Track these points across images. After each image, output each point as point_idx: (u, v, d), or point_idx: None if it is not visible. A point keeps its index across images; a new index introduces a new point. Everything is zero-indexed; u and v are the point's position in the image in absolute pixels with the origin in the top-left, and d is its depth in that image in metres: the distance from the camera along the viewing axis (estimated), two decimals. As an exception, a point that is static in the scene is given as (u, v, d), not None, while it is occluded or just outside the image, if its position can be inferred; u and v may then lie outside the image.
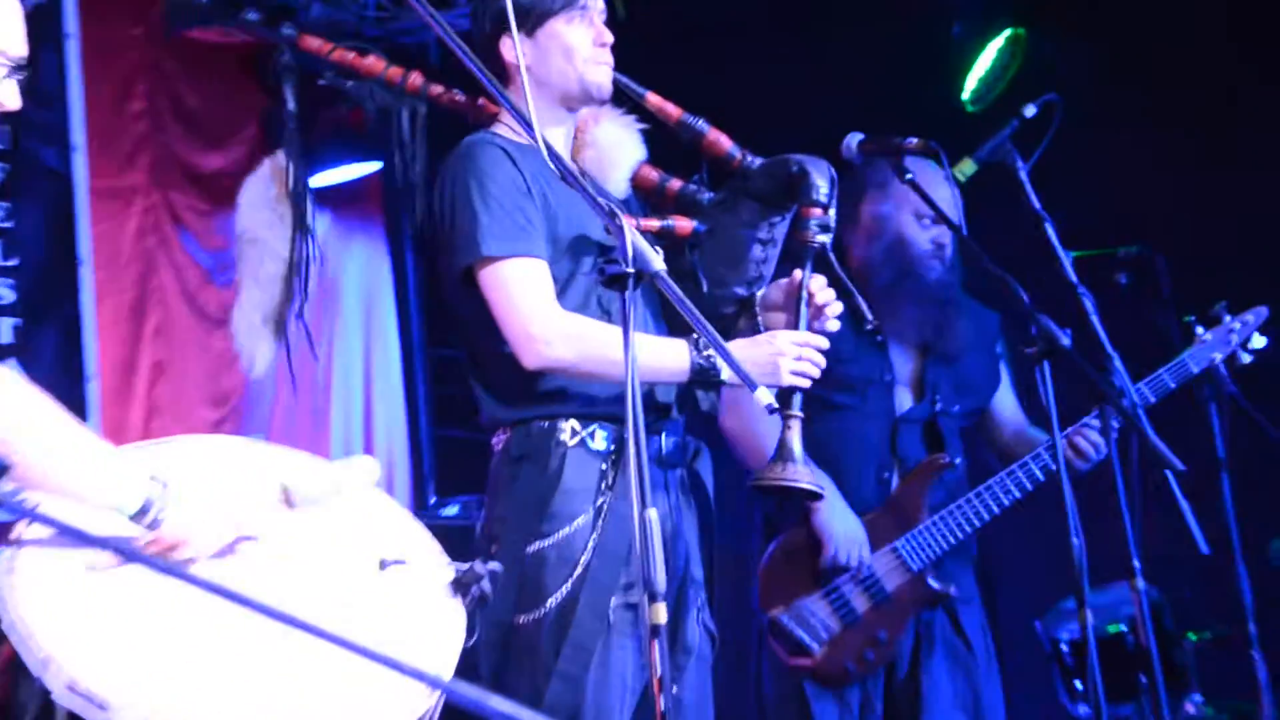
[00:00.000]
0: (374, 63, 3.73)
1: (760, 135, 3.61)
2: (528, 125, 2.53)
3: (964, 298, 4.45)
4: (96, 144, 5.97)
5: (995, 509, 4.24)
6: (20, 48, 2.62)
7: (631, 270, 2.42)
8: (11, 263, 5.57)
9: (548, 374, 3.25)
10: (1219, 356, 4.28)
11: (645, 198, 3.62)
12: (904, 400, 4.38)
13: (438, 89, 3.59)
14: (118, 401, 6.02)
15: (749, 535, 4.33)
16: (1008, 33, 6.14)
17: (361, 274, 7.22)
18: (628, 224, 2.46)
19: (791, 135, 3.76)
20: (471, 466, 6.98)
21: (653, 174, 3.56)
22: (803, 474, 3.30)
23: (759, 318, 3.43)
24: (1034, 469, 4.23)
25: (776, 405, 2.48)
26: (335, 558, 2.57)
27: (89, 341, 5.77)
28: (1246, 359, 4.32)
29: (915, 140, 3.67)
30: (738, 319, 3.47)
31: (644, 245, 2.45)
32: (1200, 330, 4.30)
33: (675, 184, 3.54)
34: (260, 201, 3.90)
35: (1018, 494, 4.24)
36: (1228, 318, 4.34)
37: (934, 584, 4.21)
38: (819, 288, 3.36)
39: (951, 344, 4.35)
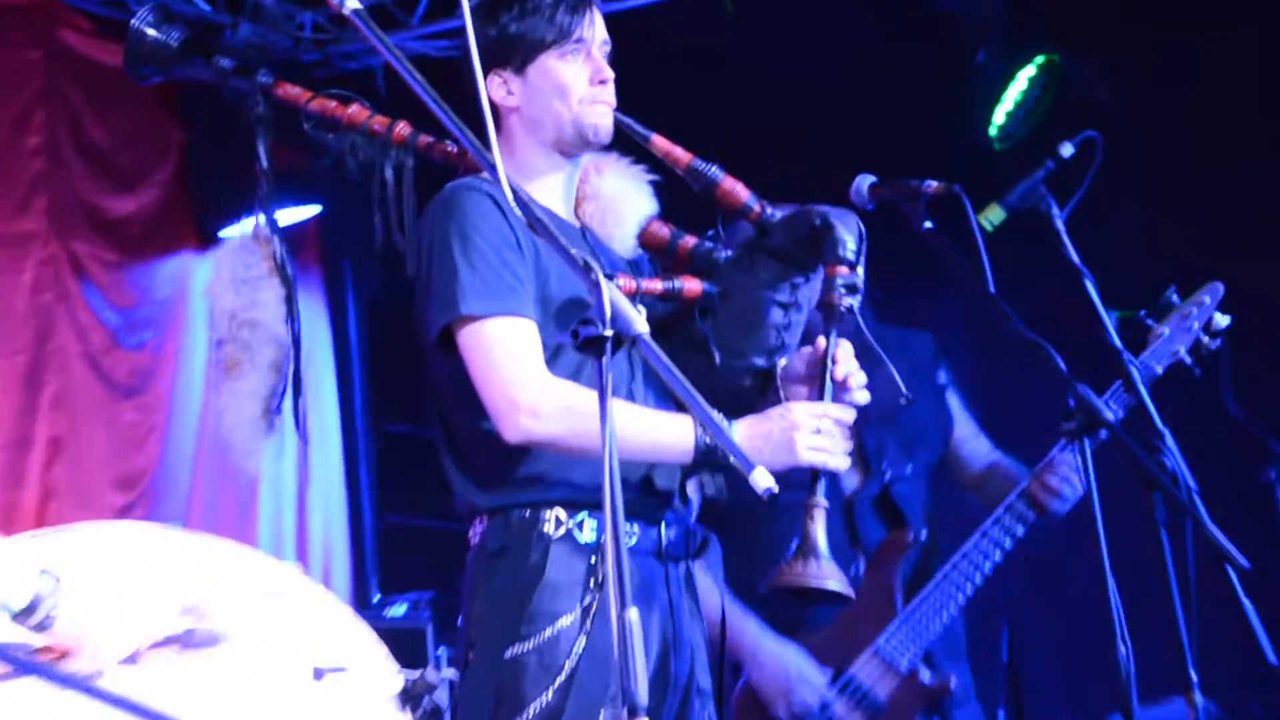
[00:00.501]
0: (357, 112, 3.75)
1: (768, 179, 3.61)
2: (491, 167, 2.53)
3: (883, 329, 4.47)
4: (-13, 185, 6.00)
5: (977, 580, 4.24)
6: None
7: (608, 333, 2.41)
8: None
9: (530, 455, 3.24)
10: (1182, 349, 4.28)
11: (657, 257, 3.61)
12: (850, 479, 4.39)
13: (427, 139, 3.60)
14: (8, 483, 5.99)
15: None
16: (1039, 60, 6.18)
17: (295, 336, 7.24)
18: (604, 280, 2.46)
19: (800, 178, 3.78)
20: (422, 559, 7.03)
21: (663, 230, 3.54)
22: (828, 572, 3.27)
23: (781, 392, 3.42)
24: (1009, 522, 4.24)
25: (777, 489, 2.47)
26: (264, 664, 2.55)
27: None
28: (1211, 343, 4.31)
29: (935, 184, 3.68)
30: (758, 394, 3.45)
31: (625, 305, 2.44)
32: (1152, 324, 4.28)
33: (689, 241, 3.52)
34: (246, 277, 3.91)
35: (998, 557, 4.25)
36: (1178, 301, 4.33)
37: (929, 680, 4.21)
38: (845, 357, 3.36)
39: (883, 396, 4.34)
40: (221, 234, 6.85)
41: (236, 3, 6.83)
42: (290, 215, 6.83)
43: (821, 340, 3.35)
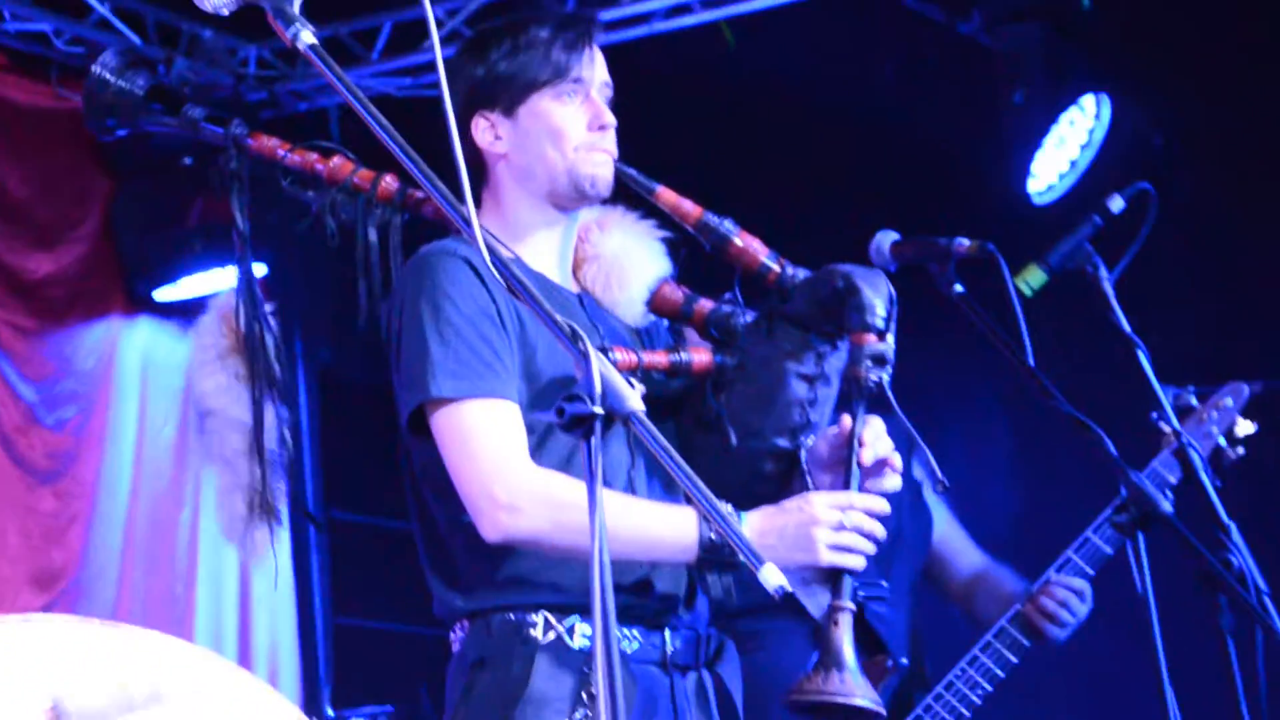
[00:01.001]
0: (339, 165, 3.74)
1: (785, 231, 3.61)
2: (465, 223, 2.54)
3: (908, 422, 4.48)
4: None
5: (965, 711, 4.24)
6: None
7: (598, 410, 2.42)
8: None
9: (515, 553, 3.23)
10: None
11: (672, 324, 3.59)
12: (820, 599, 4.38)
13: (416, 194, 3.59)
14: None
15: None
16: (1085, 100, 6.21)
17: (237, 415, 7.25)
18: (594, 351, 2.46)
19: (813, 237, 3.79)
20: (379, 667, 7.01)
21: (676, 293, 3.52)
22: (856, 687, 3.25)
23: (807, 477, 3.40)
24: (1002, 649, 4.24)
25: (789, 589, 2.47)
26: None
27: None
28: (1234, 452, 4.31)
29: (967, 242, 3.69)
30: (781, 480, 3.43)
31: (617, 379, 2.44)
32: (1165, 427, 4.27)
33: (705, 305, 3.49)
34: (210, 359, 3.91)
35: (988, 686, 4.24)
36: (1197, 404, 4.33)
37: None
38: (874, 437, 3.36)
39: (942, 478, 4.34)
40: (155, 295, 6.88)
41: (171, 36, 6.87)
42: (229, 276, 6.84)
43: (847, 419, 3.34)
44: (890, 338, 3.37)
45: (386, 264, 3.65)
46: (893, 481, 3.35)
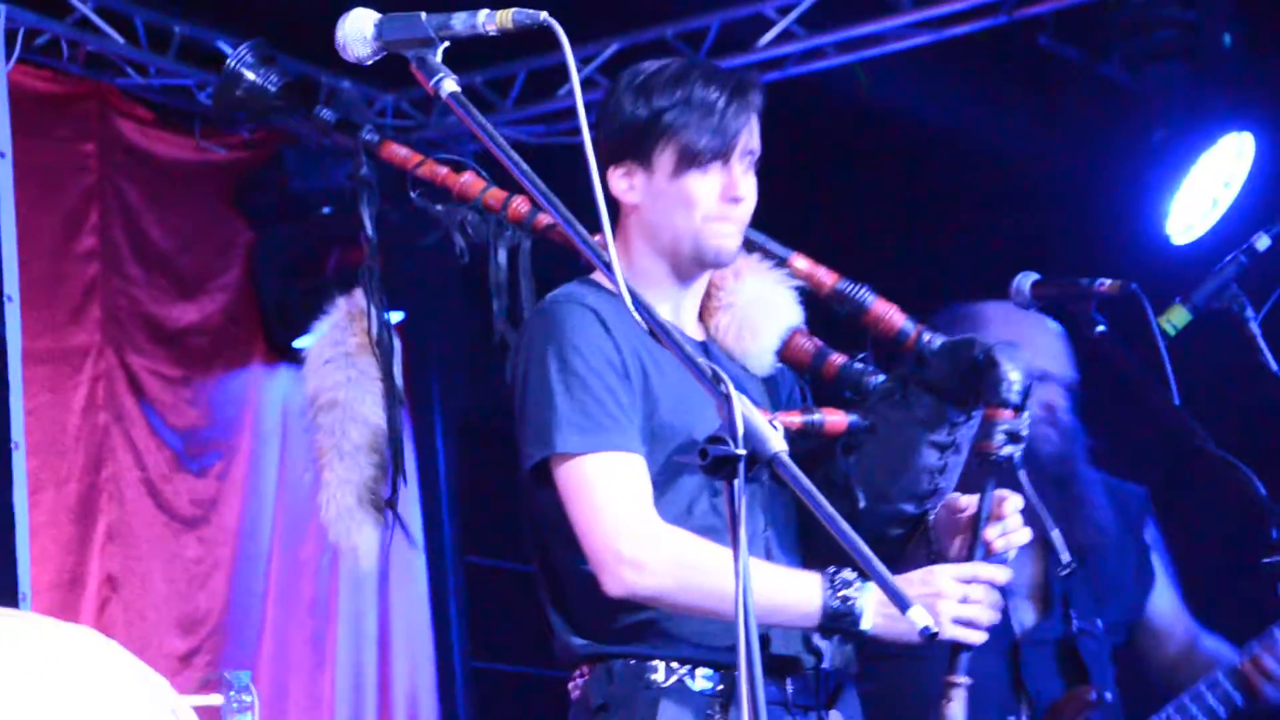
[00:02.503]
0: (470, 182, 3.74)
1: (918, 272, 3.60)
2: (607, 268, 2.54)
3: (1093, 472, 4.43)
4: (35, 294, 6.09)
5: None
6: None
7: (742, 451, 2.41)
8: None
9: (639, 605, 3.24)
10: None
11: (801, 376, 3.57)
12: (1025, 616, 4.35)
13: (546, 219, 3.57)
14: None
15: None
16: (1228, 138, 6.16)
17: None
18: (735, 393, 2.46)
19: (951, 277, 3.77)
20: (518, 709, 7.02)
21: (808, 345, 3.51)
22: None
23: (933, 544, 3.38)
24: (1213, 702, 4.17)
25: (936, 629, 2.45)
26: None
27: (21, 549, 5.83)
28: None
29: (1108, 281, 3.67)
30: (904, 544, 3.41)
31: (760, 421, 2.43)
32: None
33: (836, 360, 3.46)
34: (333, 355, 3.95)
35: None
36: None
37: None
38: (1004, 514, 3.31)
39: (1082, 536, 4.29)
40: (295, 344, 6.93)
41: (311, 86, 6.94)
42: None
43: (973, 499, 3.32)
44: (1026, 415, 3.34)
45: (515, 286, 3.66)
46: (1006, 571, 3.32)
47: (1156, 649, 4.49)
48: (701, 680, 3.26)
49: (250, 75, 4.03)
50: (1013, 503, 3.34)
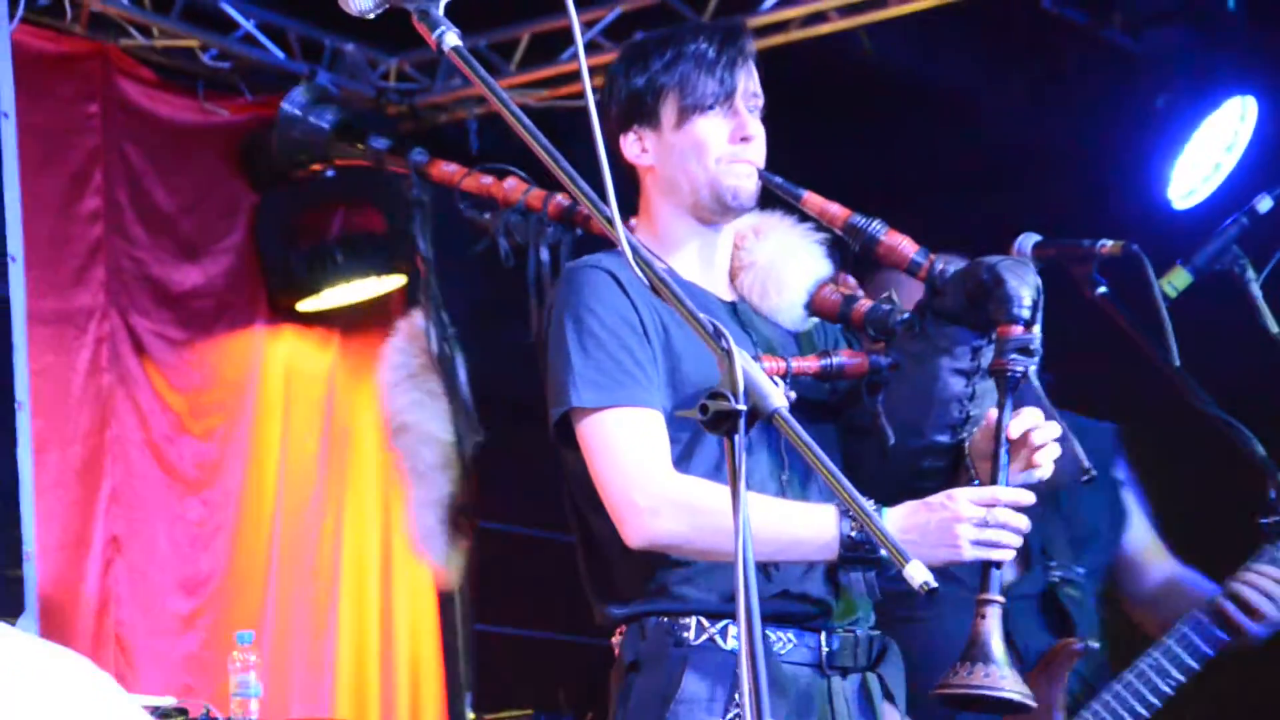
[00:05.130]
0: (514, 187, 3.82)
1: (930, 238, 3.59)
2: (610, 223, 2.55)
3: (1058, 413, 4.44)
4: (39, 255, 6.09)
5: (1154, 700, 4.18)
6: None
7: (742, 407, 2.41)
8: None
9: (668, 560, 3.24)
10: None
11: (836, 325, 3.57)
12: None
13: (586, 211, 3.61)
14: (63, 587, 6.07)
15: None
16: (1230, 102, 6.16)
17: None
18: (736, 349, 2.46)
19: (955, 238, 3.78)
20: (523, 671, 7.04)
21: (834, 295, 3.52)
22: (1007, 679, 3.23)
23: (971, 470, 3.38)
24: (1197, 641, 4.17)
25: (935, 585, 2.45)
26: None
27: (26, 509, 5.83)
28: None
29: (1110, 243, 3.67)
30: (946, 475, 3.42)
31: (761, 377, 2.43)
32: None
33: (864, 305, 3.49)
34: (399, 379, 4.00)
35: (1180, 675, 4.18)
36: None
37: None
38: (1022, 427, 3.30)
39: (1052, 482, 4.28)
40: (298, 306, 6.94)
41: (314, 49, 6.95)
42: (379, 285, 6.88)
43: (993, 412, 3.31)
44: (1037, 328, 3.34)
45: (555, 280, 3.68)
46: (1045, 470, 3.31)
47: (1135, 584, 4.49)
48: (733, 640, 3.26)
49: (305, 117, 4.09)
50: (1032, 416, 3.32)
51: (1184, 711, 4.22)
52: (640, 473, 3.22)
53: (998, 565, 3.26)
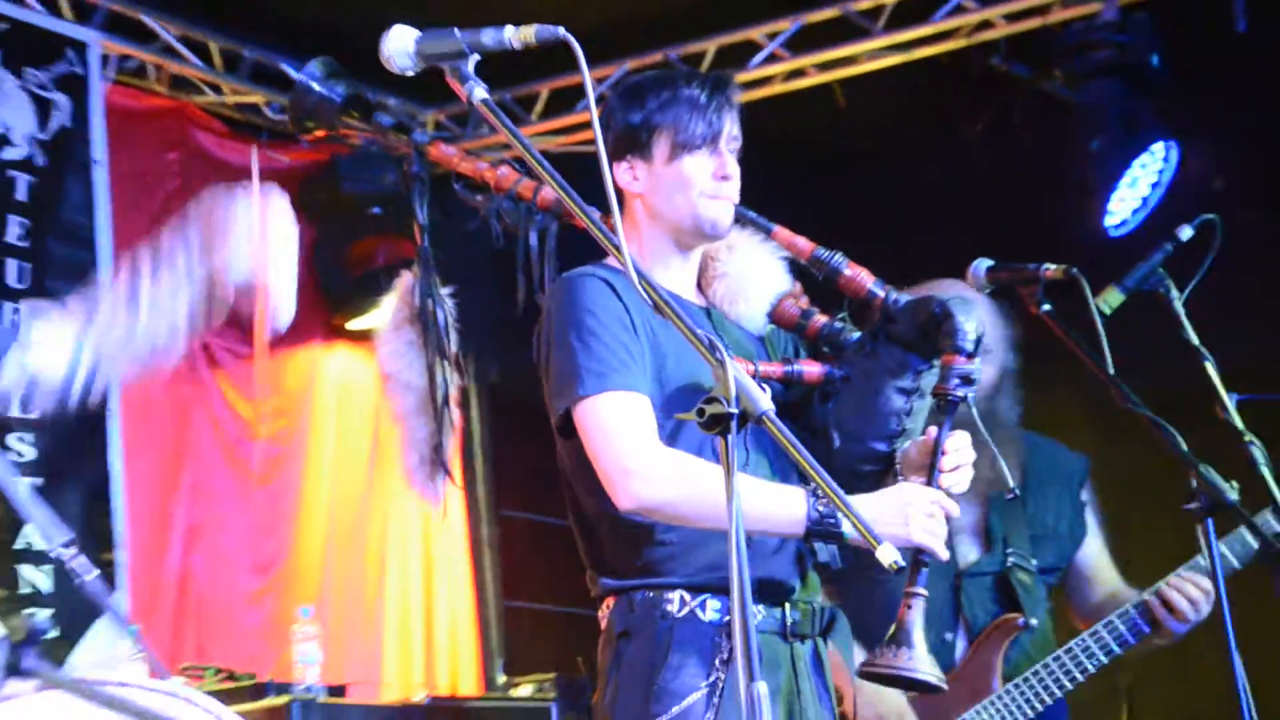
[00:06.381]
0: (505, 175, 3.79)
1: (897, 263, 3.59)
2: (619, 249, 2.54)
3: (1035, 437, 4.42)
4: (127, 282, 6.10)
5: (1078, 675, 4.16)
6: None
7: (734, 410, 2.41)
8: (31, 415, 5.64)
9: (653, 540, 3.23)
10: None
11: (790, 335, 3.58)
12: (968, 552, 4.34)
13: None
14: (149, 571, 6.07)
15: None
16: (1154, 147, 6.15)
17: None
18: (729, 359, 2.45)
19: (917, 265, 3.76)
20: (544, 642, 7.04)
21: (794, 309, 3.51)
22: (921, 663, 3.23)
23: (899, 478, 3.37)
24: (1121, 628, 4.16)
25: (903, 564, 2.45)
26: None
27: (117, 504, 5.84)
28: None
29: (1053, 267, 3.65)
30: (876, 480, 3.41)
31: (750, 384, 2.43)
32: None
33: (818, 321, 3.48)
34: (389, 331, 3.98)
35: (1103, 658, 4.17)
36: None
37: None
38: (955, 447, 3.31)
39: (998, 482, 4.28)
40: (348, 325, 6.94)
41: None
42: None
43: (933, 430, 3.32)
44: (978, 361, 3.34)
45: (543, 264, 3.67)
46: (959, 487, 3.31)
47: (1084, 591, 4.48)
48: (711, 611, 3.25)
49: (319, 89, 4.05)
50: (961, 439, 3.32)
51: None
52: (633, 444, 3.18)
53: (925, 563, 3.25)
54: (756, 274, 3.51)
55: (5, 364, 3.44)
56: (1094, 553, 4.48)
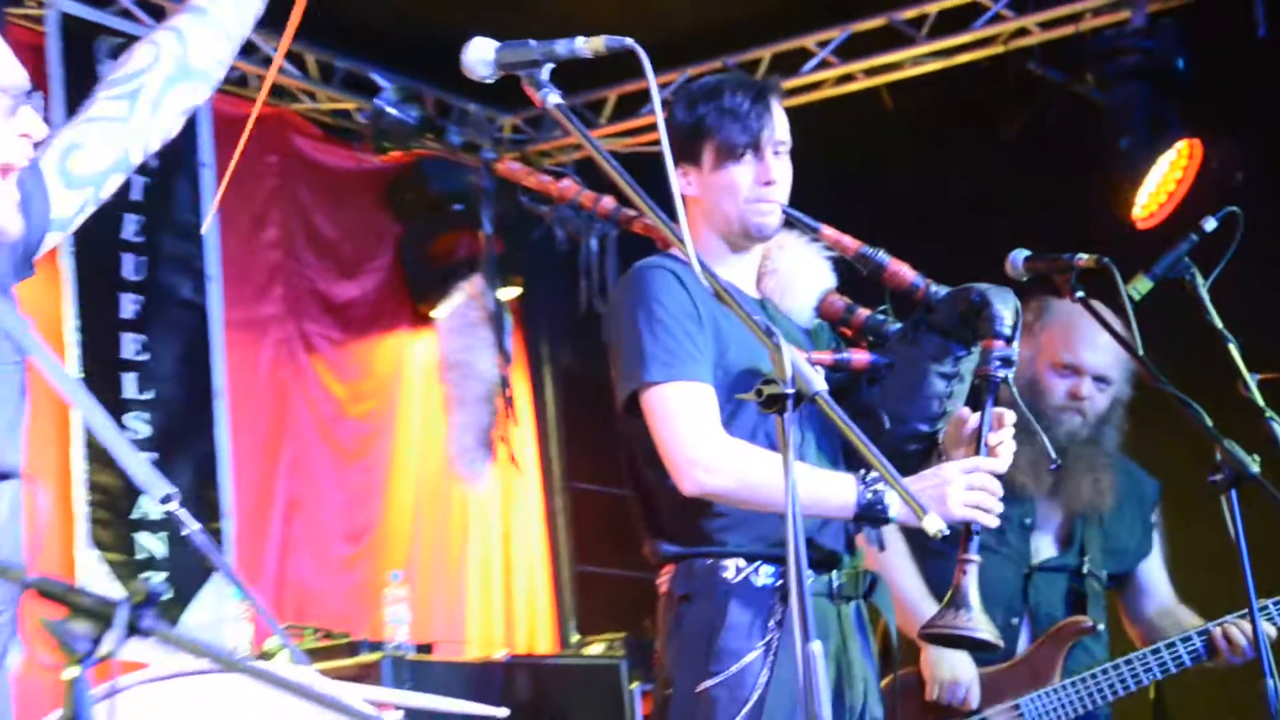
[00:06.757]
0: (568, 187, 3.80)
1: (941, 255, 3.58)
2: (683, 242, 2.53)
3: (1122, 459, 4.41)
4: (231, 274, 6.14)
5: (1132, 685, 4.16)
6: (15, 75, 2.52)
7: (790, 390, 2.40)
8: (147, 396, 5.70)
9: (711, 511, 3.23)
10: None
11: (834, 328, 3.59)
12: (1043, 548, 4.34)
13: (629, 214, 3.60)
14: (253, 539, 6.11)
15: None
16: (1180, 145, 6.10)
17: (499, 404, 7.29)
18: (785, 344, 2.45)
19: (958, 256, 3.75)
20: (614, 604, 7.05)
21: (839, 303, 3.50)
22: (979, 623, 3.22)
23: (942, 457, 3.37)
24: (1182, 653, 4.15)
25: (947, 532, 2.45)
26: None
27: (224, 477, 5.89)
28: None
29: (1086, 257, 3.63)
30: (921, 458, 3.41)
31: (805, 366, 2.42)
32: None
33: (862, 314, 3.47)
34: (460, 325, 4.01)
35: (1158, 674, 4.17)
36: None
37: None
38: (1003, 425, 3.30)
39: (1097, 502, 4.30)
40: (433, 314, 6.97)
41: (446, 108, 6.98)
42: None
43: (974, 415, 3.31)
44: (1015, 344, 3.33)
45: (603, 267, 3.67)
46: (1006, 458, 3.30)
47: (1140, 602, 4.47)
48: (764, 577, 3.24)
49: (394, 112, 4.08)
50: (1007, 415, 3.32)
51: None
52: (697, 435, 3.18)
53: (976, 532, 3.24)
54: (804, 271, 3.50)
55: None
56: (1154, 569, 4.49)
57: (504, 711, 2.62)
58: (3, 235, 2.56)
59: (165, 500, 2.31)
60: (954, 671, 4.17)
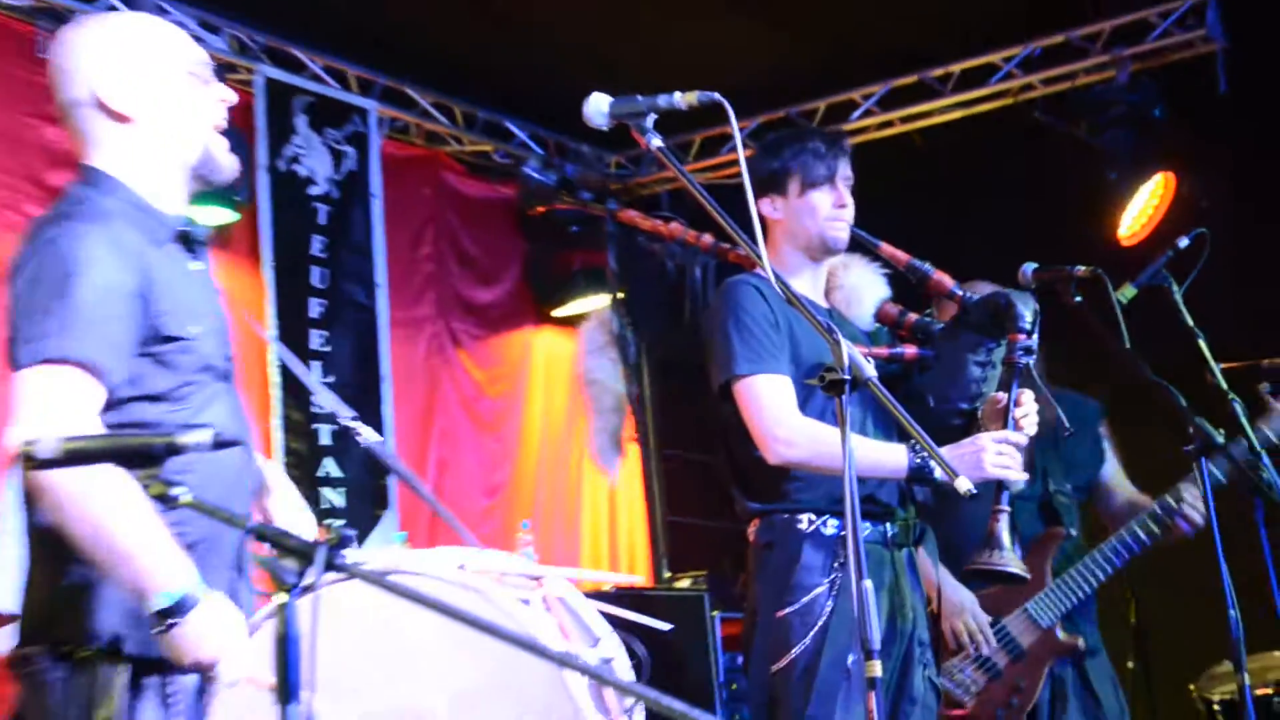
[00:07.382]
0: (675, 228, 3.87)
1: (965, 268, 3.61)
2: (760, 259, 2.55)
3: (1064, 393, 4.37)
4: (394, 283, 6.20)
5: (1109, 568, 4.13)
6: (202, 53, 2.52)
7: (846, 376, 2.42)
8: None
9: (788, 476, 3.27)
10: None
11: (890, 329, 3.64)
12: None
13: (726, 247, 3.67)
14: (411, 495, 6.15)
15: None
16: (1158, 178, 6.05)
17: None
18: (843, 340, 2.47)
19: (984, 267, 3.76)
20: (699, 548, 7.06)
21: (893, 310, 3.59)
22: (1011, 560, 3.28)
23: (981, 428, 3.40)
24: (1139, 532, 4.11)
25: (976, 491, 2.46)
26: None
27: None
28: None
29: (1082, 269, 3.61)
30: (963, 431, 3.44)
31: (859, 358, 2.44)
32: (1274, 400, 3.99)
33: (911, 317, 3.56)
34: (594, 348, 4.08)
35: (1126, 554, 4.11)
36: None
37: (1062, 636, 4.12)
38: (1025, 402, 3.34)
39: (1050, 430, 4.24)
40: (554, 313, 6.99)
41: (563, 149, 7.00)
42: (596, 301, 6.91)
43: (1003, 395, 3.32)
44: (1035, 336, 3.34)
45: (705, 288, 3.70)
46: (1030, 430, 3.30)
47: (1108, 499, 4.43)
48: (830, 528, 3.27)
49: (538, 177, 4.14)
50: (1029, 394, 3.35)
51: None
52: (779, 417, 3.22)
53: (1007, 487, 3.24)
54: (865, 286, 3.56)
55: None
56: (1112, 472, 4.44)
57: (667, 625, 2.68)
58: (229, 174, 2.58)
59: (354, 419, 2.39)
60: (959, 598, 4.15)
